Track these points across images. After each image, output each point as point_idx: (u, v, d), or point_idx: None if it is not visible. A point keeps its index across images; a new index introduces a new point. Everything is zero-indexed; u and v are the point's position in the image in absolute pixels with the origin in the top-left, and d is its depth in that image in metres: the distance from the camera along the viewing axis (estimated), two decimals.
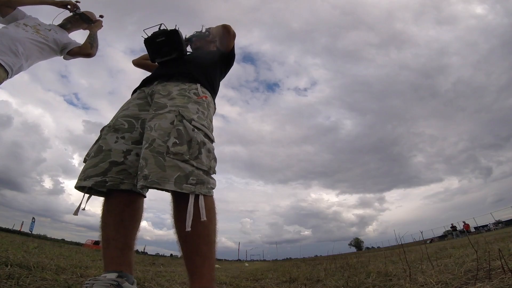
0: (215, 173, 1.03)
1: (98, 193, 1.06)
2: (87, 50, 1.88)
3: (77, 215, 1.02)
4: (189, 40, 1.67)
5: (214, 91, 1.33)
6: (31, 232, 22.20)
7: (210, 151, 1.02)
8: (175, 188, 0.87)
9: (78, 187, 1.02)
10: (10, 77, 1.51)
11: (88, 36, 1.93)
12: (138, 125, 1.11)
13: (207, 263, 0.89)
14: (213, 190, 0.99)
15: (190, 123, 0.99)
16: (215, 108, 1.30)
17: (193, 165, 0.92)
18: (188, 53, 1.50)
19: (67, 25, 1.91)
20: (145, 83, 1.27)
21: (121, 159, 1.03)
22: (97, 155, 1.04)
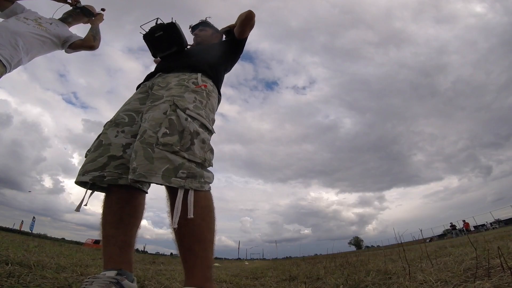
0: (212, 166, 0.97)
1: (100, 189, 1.04)
2: (90, 42, 1.87)
3: (79, 211, 0.99)
4: (193, 29, 1.68)
5: (217, 79, 1.28)
6: (31, 231, 22.26)
7: (205, 142, 0.96)
8: (163, 181, 0.82)
9: (78, 182, 1.00)
10: (9, 71, 1.49)
11: (90, 28, 1.93)
12: (139, 119, 1.09)
13: (199, 262, 0.84)
14: (210, 185, 0.94)
15: (184, 112, 0.95)
16: (219, 98, 1.26)
17: (184, 157, 0.87)
18: (189, 45, 1.49)
19: (68, 19, 1.90)
20: (148, 77, 1.27)
21: (120, 153, 1.01)
22: (96, 150, 1.02)
